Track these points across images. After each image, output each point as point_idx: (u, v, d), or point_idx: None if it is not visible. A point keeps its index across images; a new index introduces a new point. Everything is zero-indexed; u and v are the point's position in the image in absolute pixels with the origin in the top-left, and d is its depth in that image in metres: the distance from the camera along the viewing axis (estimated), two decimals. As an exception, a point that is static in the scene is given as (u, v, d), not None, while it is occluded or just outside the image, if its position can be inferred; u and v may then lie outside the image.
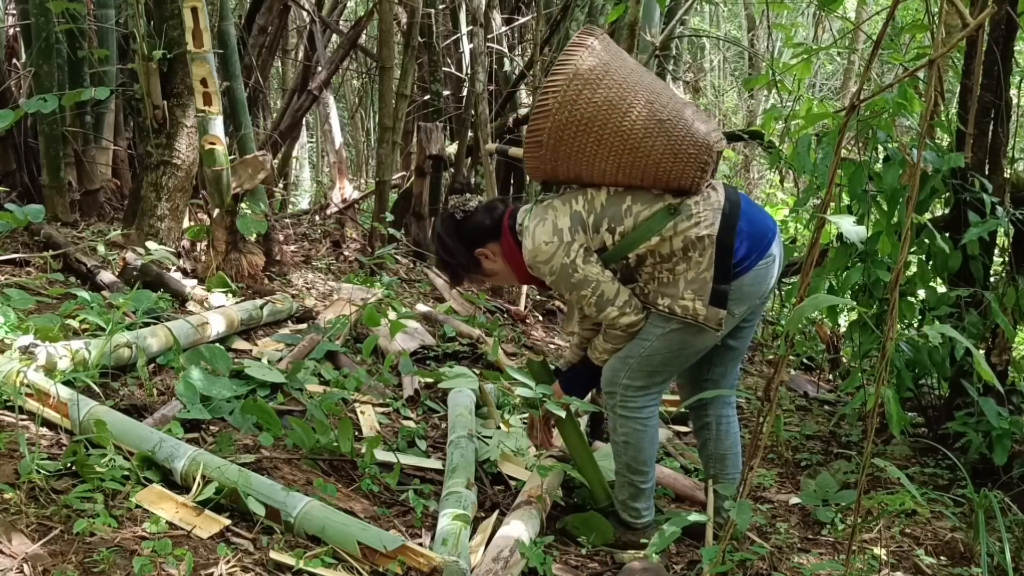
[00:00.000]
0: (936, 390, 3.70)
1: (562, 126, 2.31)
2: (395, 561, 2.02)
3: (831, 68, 13.54)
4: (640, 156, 2.31)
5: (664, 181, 2.34)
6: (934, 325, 1.73)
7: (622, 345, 2.48)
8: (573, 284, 2.38)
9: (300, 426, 2.67)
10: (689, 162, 2.31)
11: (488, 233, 2.53)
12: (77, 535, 1.90)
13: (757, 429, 2.07)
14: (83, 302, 3.29)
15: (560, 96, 2.30)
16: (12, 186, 4.75)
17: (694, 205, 2.35)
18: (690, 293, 2.36)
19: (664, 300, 2.39)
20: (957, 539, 2.77)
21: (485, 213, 2.55)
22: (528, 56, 7.28)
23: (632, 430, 2.53)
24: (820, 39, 11.09)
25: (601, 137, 2.31)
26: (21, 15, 5.09)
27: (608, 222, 2.37)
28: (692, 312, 2.36)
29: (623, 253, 2.39)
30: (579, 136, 2.32)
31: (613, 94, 2.30)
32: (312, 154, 13.35)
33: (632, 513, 2.61)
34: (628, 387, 2.50)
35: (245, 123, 5.01)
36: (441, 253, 2.61)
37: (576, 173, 2.40)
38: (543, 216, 2.40)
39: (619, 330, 2.45)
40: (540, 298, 6.30)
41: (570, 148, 2.34)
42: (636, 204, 2.37)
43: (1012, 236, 3.40)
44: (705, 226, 2.34)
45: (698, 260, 2.35)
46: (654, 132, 2.30)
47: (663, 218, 2.34)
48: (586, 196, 2.41)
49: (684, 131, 2.31)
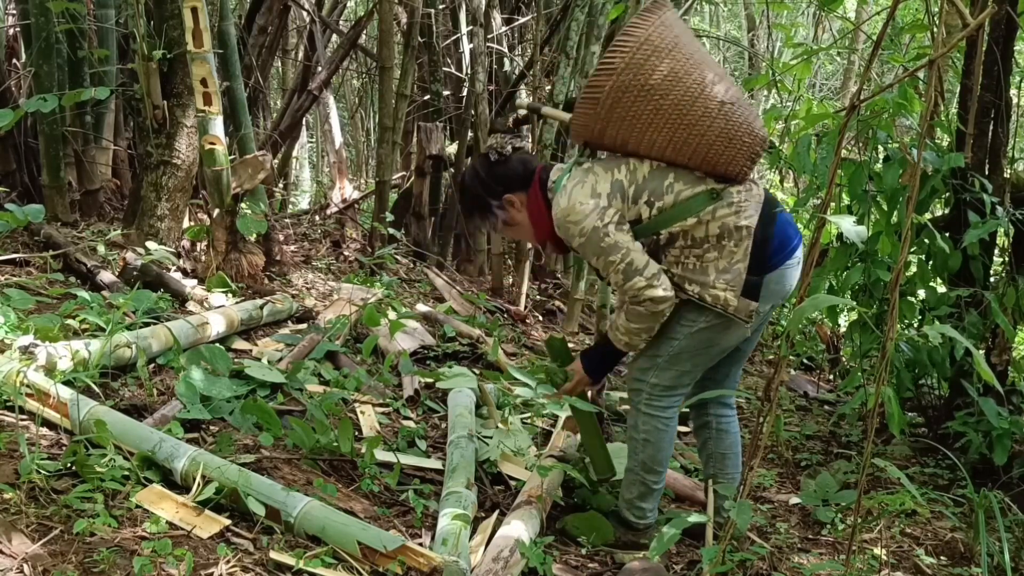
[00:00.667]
0: (936, 390, 3.70)
1: (623, 88, 2.27)
2: (395, 561, 2.02)
3: (831, 68, 13.54)
4: (695, 134, 2.27)
5: (712, 164, 2.31)
6: (934, 325, 1.73)
7: (643, 325, 2.40)
8: (602, 248, 2.32)
9: (300, 426, 2.67)
10: (742, 149, 2.29)
11: (519, 181, 2.48)
12: (77, 535, 1.90)
13: (757, 429, 2.07)
14: (83, 302, 3.29)
15: (628, 57, 2.25)
16: (12, 186, 4.75)
17: (736, 193, 2.32)
18: (722, 283, 2.32)
19: (693, 287, 2.35)
20: (957, 539, 2.77)
21: (519, 162, 2.50)
22: (528, 56, 7.27)
23: (654, 428, 2.51)
24: (820, 39, 11.09)
25: (660, 107, 2.27)
26: (21, 15, 5.09)
27: (648, 195, 2.33)
28: (723, 302, 2.32)
29: (656, 228, 2.35)
30: (638, 101, 2.28)
31: (680, 67, 2.26)
32: (312, 154, 13.34)
33: (637, 512, 2.60)
34: (656, 386, 2.49)
35: (245, 123, 5.01)
36: (469, 188, 2.56)
37: (624, 139, 2.35)
38: (583, 178, 2.36)
39: (642, 306, 2.36)
40: (540, 298, 6.30)
41: (626, 112, 2.30)
42: (678, 182, 2.33)
43: (1012, 236, 3.40)
44: (745, 216, 2.31)
45: (732, 250, 2.32)
46: (713, 113, 2.27)
47: (704, 201, 2.31)
48: (628, 166, 2.37)
49: (742, 118, 2.29)
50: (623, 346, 2.50)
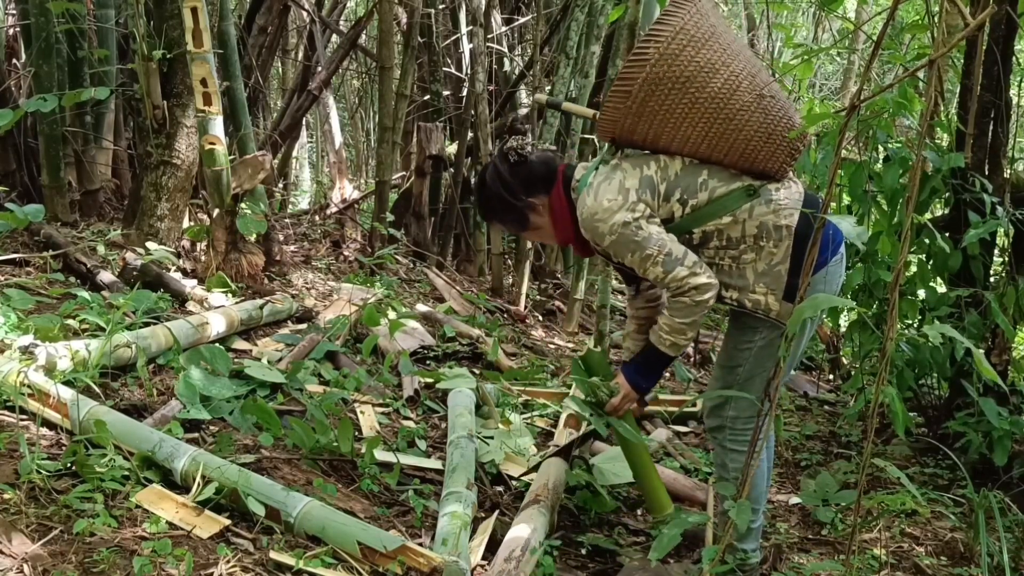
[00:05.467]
0: (936, 390, 3.70)
1: (657, 79, 2.15)
2: (395, 561, 2.02)
3: (831, 68, 13.53)
4: (732, 128, 2.17)
5: (750, 160, 2.21)
6: (934, 325, 1.73)
7: (688, 320, 2.23)
8: (636, 243, 2.19)
9: (300, 426, 2.67)
10: (782, 145, 2.19)
11: (541, 182, 2.36)
12: (77, 535, 1.90)
13: (757, 429, 2.07)
14: (83, 302, 3.29)
15: (663, 47, 2.13)
16: (12, 186, 4.75)
17: (775, 192, 2.22)
18: (762, 286, 2.21)
19: (731, 292, 2.24)
20: (957, 539, 2.77)
21: (541, 162, 2.37)
22: (528, 56, 7.27)
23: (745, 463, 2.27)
24: (820, 39, 11.10)
25: (696, 100, 2.16)
26: (21, 15, 5.09)
27: (681, 192, 2.22)
28: (764, 307, 2.21)
29: (689, 227, 2.23)
30: (672, 94, 2.16)
31: (717, 58, 2.15)
32: (312, 154, 13.34)
33: (740, 555, 2.39)
34: (736, 419, 2.34)
35: (245, 123, 5.01)
36: (490, 189, 2.40)
37: (655, 134, 2.24)
38: (610, 175, 2.24)
39: (686, 296, 2.20)
40: (540, 298, 6.30)
41: (660, 105, 2.17)
42: (713, 179, 2.23)
43: (1012, 236, 3.40)
44: (785, 216, 2.20)
45: (771, 251, 2.21)
46: (751, 107, 2.16)
47: (739, 198, 2.20)
48: (659, 163, 2.25)
49: (782, 112, 2.19)
50: (668, 348, 2.31)
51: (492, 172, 2.40)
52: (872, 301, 3.59)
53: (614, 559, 2.54)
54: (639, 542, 2.69)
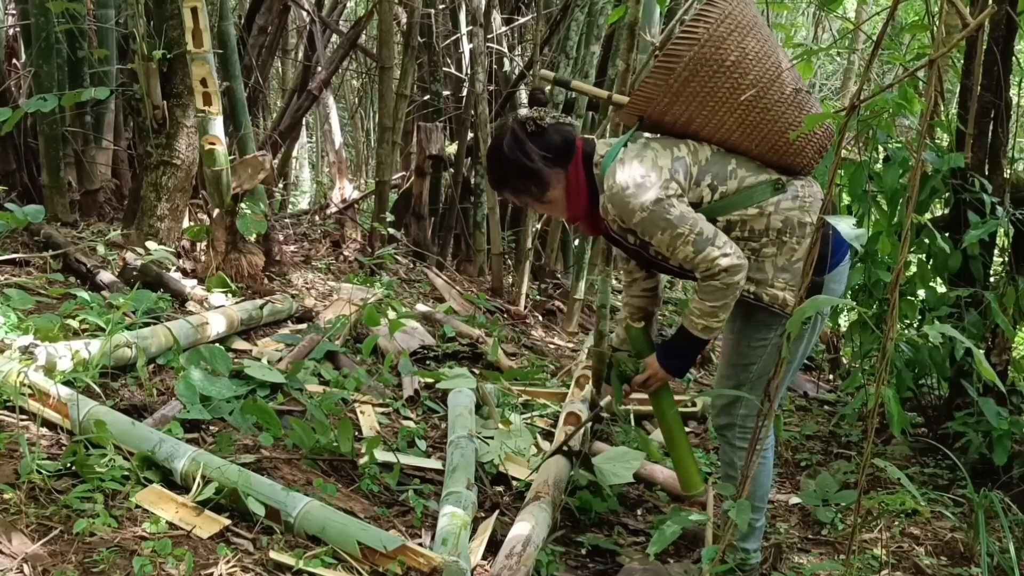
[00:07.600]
0: (936, 390, 3.70)
1: (703, 61, 2.15)
2: (395, 561, 2.02)
3: (831, 68, 13.53)
4: (769, 119, 2.18)
5: (781, 152, 2.22)
6: (934, 325, 1.73)
7: (719, 303, 2.18)
8: (668, 221, 2.13)
9: (300, 426, 2.67)
10: (812, 140, 2.21)
11: (558, 154, 2.28)
12: (77, 535, 1.90)
13: (757, 429, 2.07)
14: (83, 302, 3.29)
15: (712, 29, 2.14)
16: (12, 186, 4.74)
17: (800, 187, 2.23)
18: (780, 282, 2.21)
19: (749, 285, 2.22)
20: (957, 539, 2.77)
21: (558, 134, 2.30)
22: (528, 56, 7.27)
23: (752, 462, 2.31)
24: (820, 39, 11.09)
25: (737, 86, 2.15)
26: (21, 15, 5.09)
27: (711, 178, 2.21)
28: (781, 302, 2.21)
29: (715, 215, 2.20)
30: (716, 77, 2.16)
31: (759, 47, 2.17)
32: (312, 154, 13.33)
33: (741, 555, 2.39)
34: (747, 417, 2.33)
35: (245, 123, 5.01)
36: (506, 156, 2.30)
37: (690, 117, 2.22)
38: (640, 152, 2.19)
39: (717, 279, 2.15)
40: (540, 298, 6.30)
41: (701, 87, 2.17)
42: (741, 168, 2.22)
43: (1012, 236, 3.40)
44: (812, 213, 2.20)
45: (793, 247, 2.21)
46: (788, 100, 2.18)
47: (767, 190, 2.21)
48: (689, 147, 2.23)
49: (813, 108, 2.22)
50: (700, 331, 2.26)
51: (510, 139, 2.31)
52: (872, 301, 3.59)
53: (614, 559, 2.54)
54: (639, 542, 2.69)
